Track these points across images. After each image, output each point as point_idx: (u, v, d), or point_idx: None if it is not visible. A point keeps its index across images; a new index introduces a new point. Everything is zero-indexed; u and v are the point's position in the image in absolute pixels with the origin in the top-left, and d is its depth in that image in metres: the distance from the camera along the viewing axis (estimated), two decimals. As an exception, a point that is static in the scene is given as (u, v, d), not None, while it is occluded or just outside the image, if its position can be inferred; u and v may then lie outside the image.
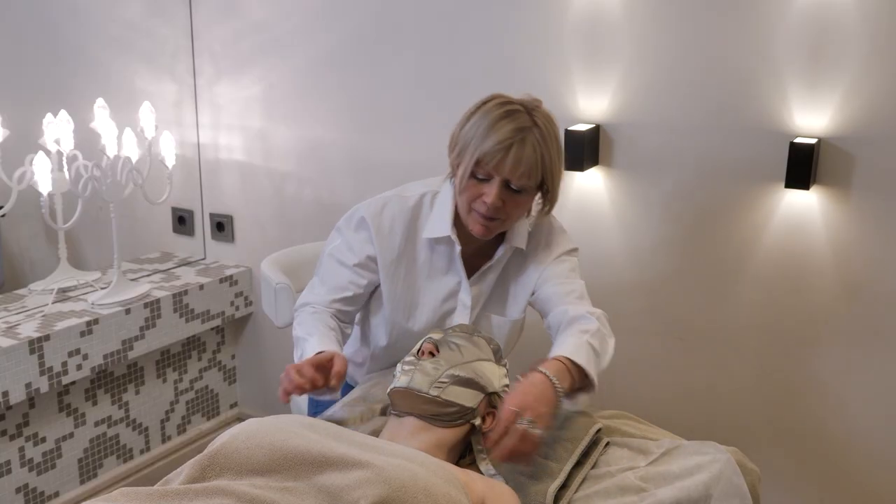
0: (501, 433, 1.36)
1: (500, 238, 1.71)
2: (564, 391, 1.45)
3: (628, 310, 2.19)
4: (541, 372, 1.45)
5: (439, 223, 1.67)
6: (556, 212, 2.21)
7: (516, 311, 1.75)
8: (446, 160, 2.43)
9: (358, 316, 1.82)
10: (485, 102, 1.59)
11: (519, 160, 1.53)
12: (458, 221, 1.67)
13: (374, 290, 1.76)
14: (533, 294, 1.73)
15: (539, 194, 1.65)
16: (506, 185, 1.56)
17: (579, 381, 1.51)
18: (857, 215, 1.89)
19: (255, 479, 1.20)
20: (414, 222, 1.69)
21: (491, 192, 1.55)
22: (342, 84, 2.46)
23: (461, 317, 1.71)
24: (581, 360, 1.50)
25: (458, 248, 1.67)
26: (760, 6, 1.88)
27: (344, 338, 1.70)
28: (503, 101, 1.58)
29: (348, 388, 1.93)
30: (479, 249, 1.71)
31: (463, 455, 1.49)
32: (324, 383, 1.46)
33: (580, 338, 1.55)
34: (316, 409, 1.89)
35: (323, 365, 1.47)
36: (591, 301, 1.71)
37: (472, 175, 1.57)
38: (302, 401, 2.04)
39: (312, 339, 1.59)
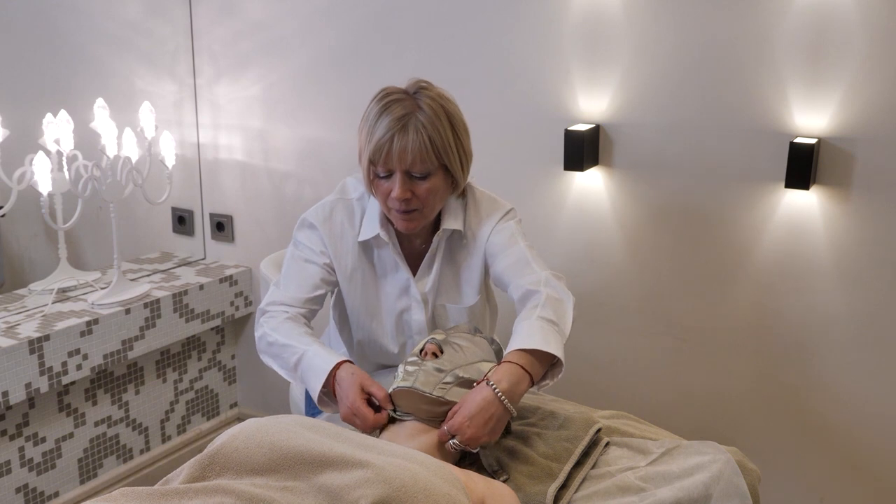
0: (439, 447, 1.41)
1: (435, 230, 1.71)
2: (514, 406, 1.44)
3: (628, 310, 2.19)
4: (489, 385, 1.44)
5: (369, 225, 1.69)
6: (556, 211, 2.22)
7: (470, 297, 1.73)
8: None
9: (331, 318, 1.84)
10: (370, 101, 1.60)
11: (405, 148, 1.53)
12: (391, 221, 1.68)
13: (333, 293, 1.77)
14: (487, 275, 1.73)
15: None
16: (407, 175, 1.56)
17: (545, 363, 1.51)
18: (857, 215, 1.89)
19: (255, 478, 1.20)
20: (356, 221, 1.71)
21: (395, 185, 1.56)
22: (342, 84, 2.46)
23: (417, 312, 1.71)
24: (535, 344, 1.48)
25: (390, 244, 1.68)
26: (760, 6, 1.88)
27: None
28: (383, 95, 1.58)
29: None
30: (425, 243, 1.72)
31: (463, 457, 1.49)
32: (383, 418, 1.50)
33: (531, 319, 1.53)
34: (315, 410, 1.89)
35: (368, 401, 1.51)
36: (541, 261, 1.68)
37: (376, 176, 1.59)
38: (300, 401, 2.05)
39: (312, 347, 1.59)
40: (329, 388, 1.56)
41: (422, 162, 1.55)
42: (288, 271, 1.72)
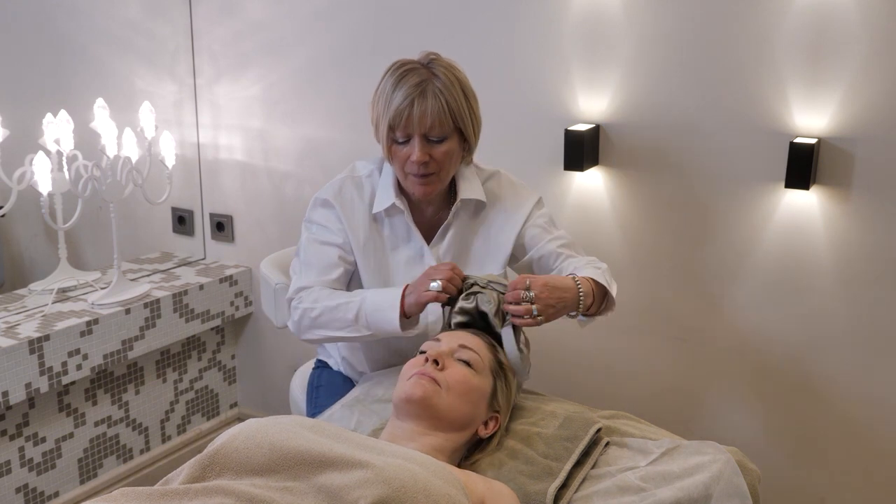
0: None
1: (452, 200, 1.77)
2: (584, 305, 1.59)
3: (628, 310, 2.19)
4: (573, 277, 1.59)
5: (384, 195, 1.74)
6: (556, 211, 2.22)
7: (495, 266, 1.77)
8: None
9: None
10: (384, 74, 1.68)
11: (425, 112, 1.61)
12: (405, 192, 1.74)
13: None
14: (513, 256, 1.79)
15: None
16: (425, 139, 1.64)
17: (599, 302, 1.65)
18: (857, 215, 1.89)
19: (255, 478, 1.20)
20: (371, 199, 1.76)
21: (414, 150, 1.63)
22: (342, 84, 2.46)
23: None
24: (605, 283, 1.64)
25: (405, 212, 1.73)
26: (761, 7, 1.88)
27: None
28: (398, 66, 1.66)
29: (345, 380, 1.94)
30: (437, 213, 1.78)
31: (465, 458, 1.49)
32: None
33: (597, 269, 1.67)
34: (314, 411, 1.89)
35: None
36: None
37: (394, 142, 1.66)
38: (301, 400, 2.05)
39: (364, 294, 1.65)
40: (402, 311, 1.62)
41: (440, 125, 1.63)
42: (307, 258, 1.75)
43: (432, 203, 1.77)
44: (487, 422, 1.49)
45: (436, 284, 1.58)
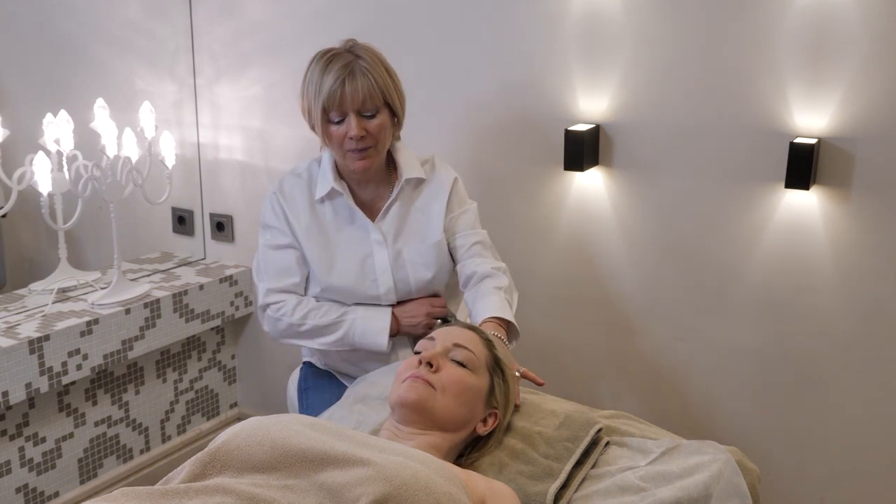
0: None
1: (393, 180, 1.90)
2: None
3: (628, 309, 2.19)
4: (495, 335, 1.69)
5: (323, 181, 1.87)
6: (556, 211, 2.22)
7: (435, 234, 1.89)
8: (446, 159, 2.42)
9: None
10: (309, 65, 1.79)
11: (356, 89, 1.73)
12: (344, 177, 1.88)
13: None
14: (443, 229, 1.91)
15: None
16: (359, 115, 1.76)
17: (505, 332, 1.77)
18: (857, 215, 1.90)
19: (256, 476, 1.20)
20: (311, 189, 1.89)
21: (350, 126, 1.75)
22: (342, 84, 2.45)
23: (379, 254, 1.86)
24: (508, 316, 1.76)
25: (344, 194, 1.86)
26: (760, 6, 1.88)
27: None
28: (322, 53, 1.78)
29: (332, 379, 1.99)
30: (378, 191, 1.90)
31: (460, 455, 1.49)
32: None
33: (498, 294, 1.80)
34: (306, 412, 1.92)
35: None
36: (498, 253, 1.95)
37: (329, 122, 1.77)
38: (297, 399, 2.05)
39: (351, 313, 1.85)
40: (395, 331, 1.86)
41: (372, 100, 1.75)
42: (266, 265, 1.91)
43: (372, 181, 1.89)
44: (486, 419, 1.48)
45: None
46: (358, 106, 1.74)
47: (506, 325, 1.76)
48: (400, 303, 1.89)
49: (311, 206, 1.89)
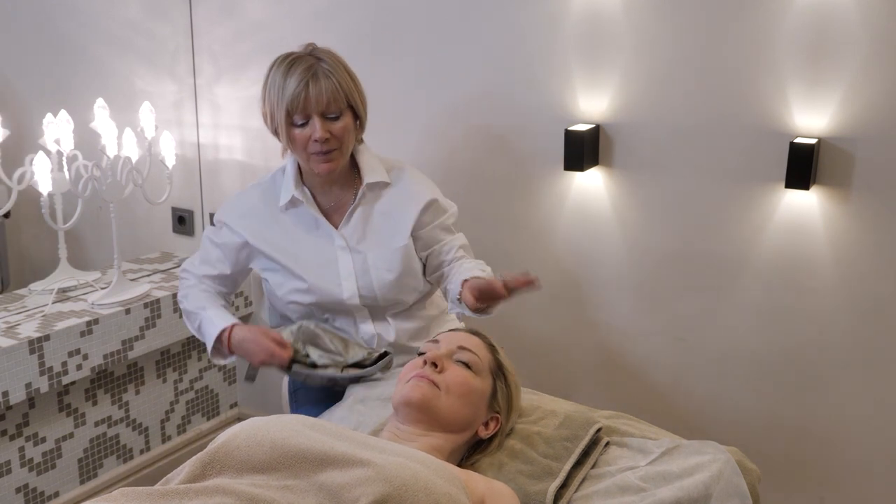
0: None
1: (356, 184, 1.87)
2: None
3: (628, 309, 2.19)
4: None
5: (285, 189, 1.87)
6: (556, 211, 2.22)
7: (401, 239, 1.86)
8: (446, 159, 2.43)
9: (267, 302, 2.02)
10: (269, 70, 1.78)
11: (320, 91, 1.73)
12: (306, 183, 1.87)
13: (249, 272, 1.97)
14: (416, 231, 1.87)
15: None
16: (323, 116, 1.74)
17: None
18: (857, 215, 1.89)
19: (256, 477, 1.20)
20: (274, 197, 1.89)
21: (315, 128, 1.74)
22: (342, 84, 2.45)
23: (343, 259, 1.84)
24: (487, 273, 1.74)
25: (305, 202, 1.85)
26: (760, 6, 1.88)
27: (228, 303, 1.98)
28: (283, 57, 1.77)
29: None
30: (342, 195, 1.88)
31: (465, 458, 1.49)
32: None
33: (474, 262, 1.79)
34: (297, 408, 1.99)
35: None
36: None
37: (293, 126, 1.76)
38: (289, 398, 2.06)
39: (208, 311, 1.88)
40: (224, 346, 1.86)
41: (335, 102, 1.74)
42: (202, 250, 1.96)
43: (335, 184, 1.87)
44: (488, 422, 1.49)
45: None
46: (322, 108, 1.73)
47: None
48: (277, 327, 1.93)
49: (270, 215, 1.88)
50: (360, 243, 1.86)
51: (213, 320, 1.87)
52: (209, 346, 1.87)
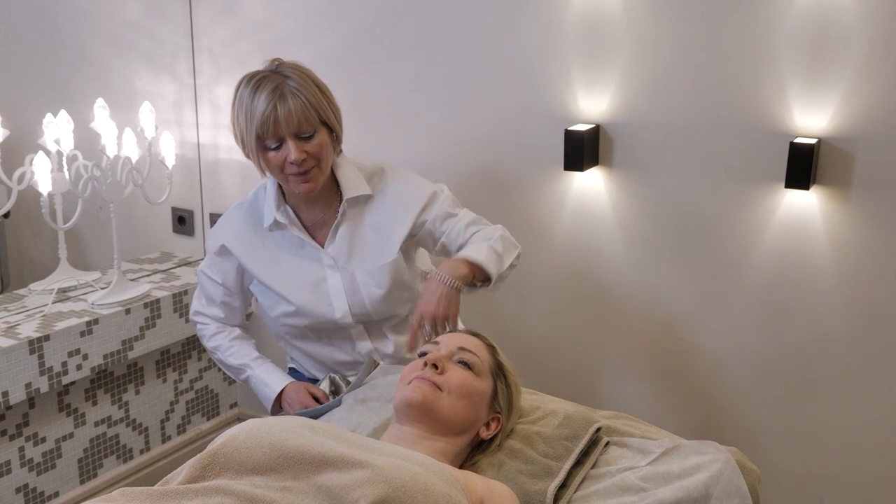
0: (412, 345, 1.63)
1: (338, 198, 1.83)
2: (460, 282, 1.65)
3: (628, 309, 2.19)
4: (433, 277, 1.66)
5: (267, 211, 1.83)
6: (556, 211, 2.22)
7: (390, 253, 1.82)
8: (446, 160, 2.43)
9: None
10: (235, 92, 1.72)
11: (289, 112, 1.66)
12: (289, 201, 1.83)
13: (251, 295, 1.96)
14: (415, 236, 1.85)
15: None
16: (297, 137, 1.69)
17: (479, 275, 1.70)
18: (857, 215, 1.89)
19: (255, 478, 1.20)
20: (259, 217, 1.86)
21: (290, 151, 1.68)
22: (342, 84, 2.43)
23: (333, 279, 1.82)
24: (479, 258, 1.68)
25: (288, 224, 1.81)
26: (760, 6, 1.88)
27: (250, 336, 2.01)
28: (248, 78, 1.71)
29: (296, 374, 2.02)
30: (323, 215, 1.84)
31: (466, 459, 1.49)
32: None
33: (481, 244, 1.73)
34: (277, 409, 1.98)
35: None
36: (489, 222, 1.85)
37: (266, 150, 1.71)
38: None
39: (255, 371, 1.91)
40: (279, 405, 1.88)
41: (307, 121, 1.68)
42: (201, 287, 1.96)
43: (319, 201, 1.83)
44: (489, 423, 1.49)
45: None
46: (294, 129, 1.67)
47: (474, 264, 1.69)
48: (312, 379, 1.96)
49: (260, 236, 1.85)
50: (348, 262, 1.82)
51: (266, 382, 1.89)
52: (267, 407, 1.91)
